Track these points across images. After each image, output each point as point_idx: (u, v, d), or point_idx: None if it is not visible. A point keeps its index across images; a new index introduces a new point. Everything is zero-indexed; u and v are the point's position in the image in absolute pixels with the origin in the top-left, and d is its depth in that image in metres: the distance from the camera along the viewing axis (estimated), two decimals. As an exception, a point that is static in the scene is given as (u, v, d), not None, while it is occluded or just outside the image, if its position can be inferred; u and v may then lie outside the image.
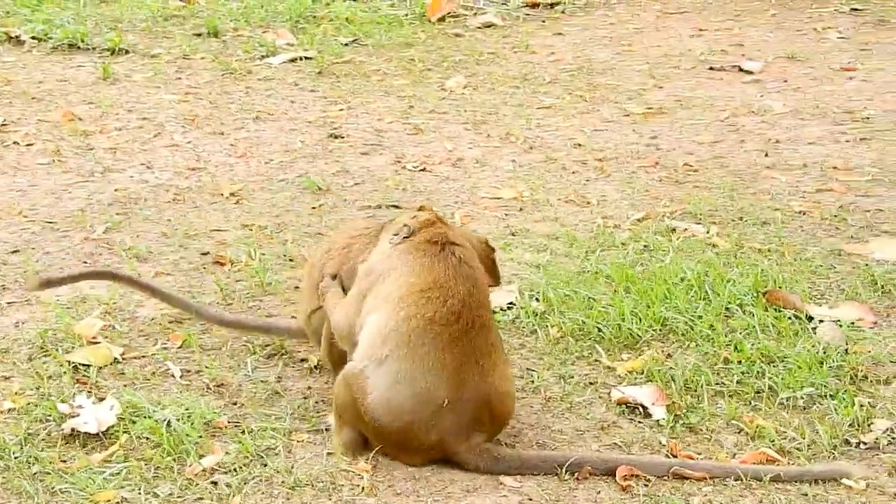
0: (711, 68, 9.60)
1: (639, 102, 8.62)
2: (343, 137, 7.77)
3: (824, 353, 4.61)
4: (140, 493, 3.76)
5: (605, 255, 5.65)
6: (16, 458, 3.95)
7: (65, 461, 3.94)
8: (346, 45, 10.30)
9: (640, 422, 4.26)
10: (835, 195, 6.50)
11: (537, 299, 5.15)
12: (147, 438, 4.07)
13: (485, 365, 3.95)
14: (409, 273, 3.96)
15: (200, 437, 4.05)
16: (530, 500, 3.77)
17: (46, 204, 6.44)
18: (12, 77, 9.06)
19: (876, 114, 8.01)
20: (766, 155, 7.23)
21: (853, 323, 4.91)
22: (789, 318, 4.89)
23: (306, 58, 9.89)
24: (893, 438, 4.12)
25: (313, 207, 6.44)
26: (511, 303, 5.15)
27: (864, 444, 4.09)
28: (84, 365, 4.59)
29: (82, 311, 5.04)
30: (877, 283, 5.26)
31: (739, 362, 4.58)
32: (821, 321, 4.90)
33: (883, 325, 4.93)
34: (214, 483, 3.81)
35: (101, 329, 4.89)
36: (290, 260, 5.68)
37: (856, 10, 11.37)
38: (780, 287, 5.16)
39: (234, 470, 3.90)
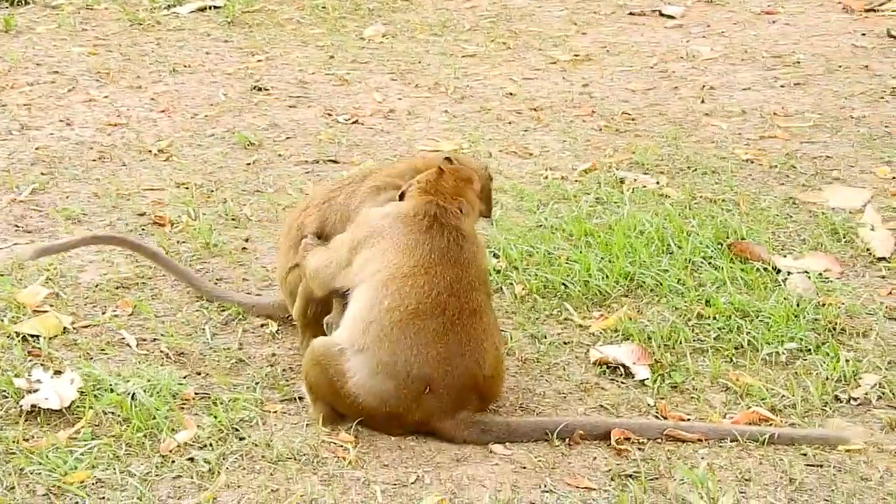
0: (632, 13, 9.48)
1: (564, 49, 8.47)
2: (267, 90, 7.55)
3: (798, 305, 4.52)
4: (115, 473, 3.56)
5: (557, 209, 5.49)
6: (-26, 438, 3.67)
7: (28, 440, 3.70)
8: (255, -8, 10.00)
9: (622, 382, 4.13)
10: (779, 142, 6.41)
11: (496, 255, 4.97)
12: (113, 413, 3.83)
13: (474, 351, 3.78)
14: (395, 249, 3.76)
15: (170, 410, 3.82)
16: (524, 467, 3.63)
17: (-34, 164, 6.13)
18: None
19: (805, 58, 7.95)
20: (703, 101, 7.13)
21: (821, 274, 4.80)
22: (757, 270, 4.77)
23: (215, 7, 9.61)
24: (883, 393, 4.03)
25: (247, 164, 6.22)
26: (470, 260, 4.94)
27: (855, 399, 4.00)
28: (33, 336, 4.31)
29: (22, 278, 4.76)
30: (837, 231, 5.18)
31: (714, 317, 4.46)
32: (789, 273, 4.78)
33: (850, 276, 4.86)
34: (192, 459, 3.62)
35: (45, 297, 4.61)
36: (233, 219, 5.46)
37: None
38: (742, 238, 5.03)
39: (211, 445, 3.71)
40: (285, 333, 4.43)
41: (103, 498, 3.42)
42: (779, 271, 4.80)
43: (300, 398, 3.99)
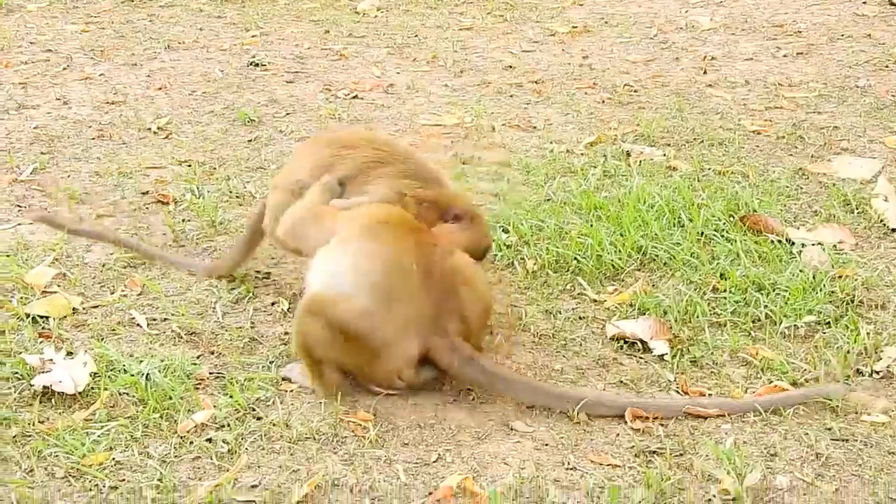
0: (629, -16, 9.41)
1: (561, 21, 8.42)
2: (264, 65, 7.48)
3: (814, 278, 4.46)
4: (133, 454, 3.50)
5: (565, 182, 5.44)
6: (-10, 421, 3.62)
7: (43, 422, 3.63)
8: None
9: (640, 357, 4.07)
10: (786, 113, 6.36)
11: (506, 230, 4.91)
12: (128, 394, 3.77)
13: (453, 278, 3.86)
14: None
15: (186, 390, 3.76)
16: (546, 445, 3.58)
17: (-36, 144, 6.06)
18: None
19: (806, 27, 7.91)
20: (705, 72, 7.09)
21: (835, 246, 4.76)
22: (771, 242, 4.72)
23: (206, -18, 9.51)
24: (906, 366, 3.96)
25: (248, 140, 6.17)
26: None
27: (877, 373, 3.96)
28: (42, 317, 4.25)
29: (28, 259, 4.69)
30: (850, 203, 5.14)
31: (730, 291, 4.40)
32: (803, 245, 4.72)
33: (865, 247, 4.81)
34: (210, 440, 3.56)
35: (53, 278, 4.55)
36: (237, 197, 5.39)
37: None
38: (753, 211, 4.98)
39: (229, 425, 3.64)
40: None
41: (123, 480, 3.37)
42: (793, 243, 4.73)
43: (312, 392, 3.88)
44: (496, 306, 4.26)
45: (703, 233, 4.83)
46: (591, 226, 4.85)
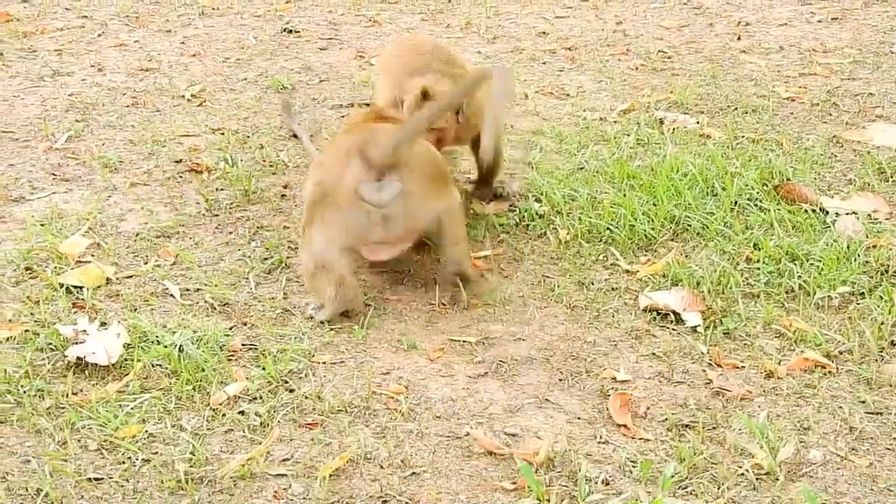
0: (664, -52, 9.33)
1: (595, -15, 8.35)
2: (297, 32, 7.46)
3: (848, 248, 4.43)
4: (166, 427, 3.51)
5: (597, 151, 5.42)
6: (24, 392, 3.64)
7: (76, 394, 3.65)
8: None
9: (673, 329, 4.06)
10: (820, 79, 6.32)
11: (538, 200, 4.90)
12: (161, 366, 3.78)
13: None
14: None
15: (219, 362, 3.77)
16: (578, 418, 3.59)
17: (0, 112, 6.06)
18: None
19: (842, -9, 7.82)
20: (739, 38, 7.04)
21: (869, 215, 4.73)
22: (805, 211, 4.69)
23: (242, -53, 9.48)
24: (942, 338, 3.94)
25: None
26: (512, 205, 4.90)
27: (913, 344, 3.90)
28: (76, 287, 4.27)
29: (62, 229, 4.71)
30: (884, 171, 5.11)
31: (763, 261, 4.38)
32: (837, 214, 4.69)
33: (900, 217, 4.76)
34: (242, 413, 3.56)
35: (87, 248, 4.57)
36: (270, 165, 5.39)
37: None
38: (787, 179, 4.95)
39: (261, 398, 3.65)
40: (329, 282, 4.36)
41: (156, 452, 3.38)
42: (826, 213, 4.71)
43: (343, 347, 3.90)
44: (529, 276, 4.25)
45: (736, 202, 4.81)
46: (624, 195, 4.84)
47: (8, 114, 6.07)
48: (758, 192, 4.85)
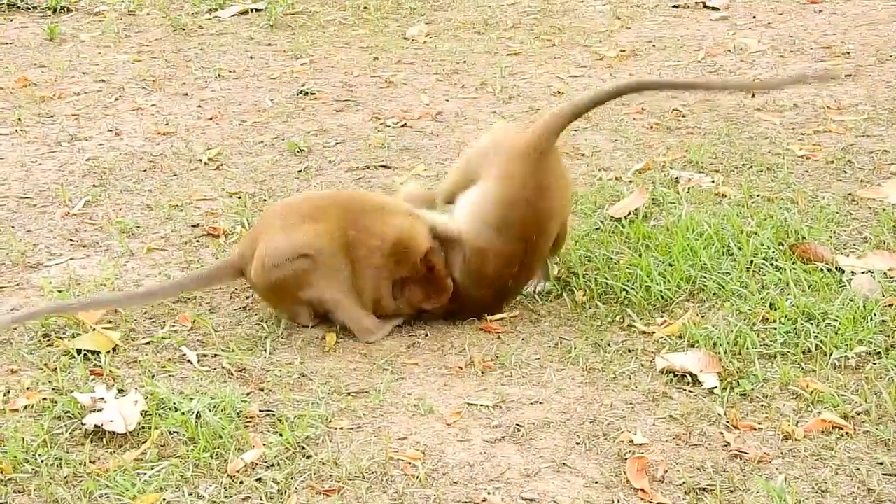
0: (676, 6, 9.42)
1: (609, 45, 8.41)
2: (314, 94, 7.52)
3: (864, 307, 4.43)
4: (183, 495, 3.52)
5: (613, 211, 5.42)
6: (42, 461, 3.65)
7: (94, 462, 3.67)
8: (296, -6, 9.98)
9: (690, 391, 4.07)
10: (834, 136, 6.33)
11: (556, 263, 4.91)
12: (178, 433, 3.79)
13: None
14: None
15: (236, 429, 3.78)
16: (595, 482, 3.59)
17: (17, 178, 6.14)
18: (-46, 42, 8.70)
19: (855, 48, 7.87)
20: (753, 96, 7.04)
21: (885, 273, 4.72)
22: (821, 270, 4.69)
23: (256, 10, 9.64)
24: (958, 397, 3.93)
25: (298, 171, 6.20)
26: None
27: (929, 404, 3.89)
28: (93, 352, 4.30)
29: (80, 295, 4.74)
30: (900, 229, 5.09)
31: (780, 321, 4.39)
32: (853, 273, 4.69)
33: (915, 275, 4.75)
34: (260, 480, 3.57)
35: (105, 314, 4.59)
36: (287, 228, 5.39)
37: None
38: (802, 238, 4.96)
39: (278, 465, 3.66)
40: (345, 346, 4.38)
41: (173, 521, 3.38)
42: (842, 271, 4.71)
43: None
44: (545, 339, 4.27)
45: (752, 262, 4.82)
46: (640, 255, 4.85)
47: (26, 179, 6.12)
48: (773, 252, 4.86)
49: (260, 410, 3.98)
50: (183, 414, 3.88)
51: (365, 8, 9.75)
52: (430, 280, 4.49)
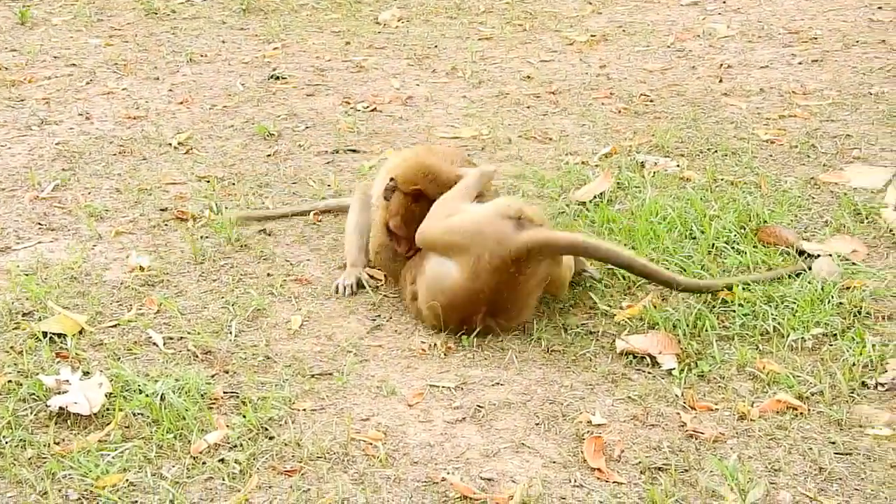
0: (647, -8, 9.43)
1: (580, 30, 8.45)
2: (285, 78, 7.54)
3: (822, 290, 4.48)
4: (146, 476, 3.56)
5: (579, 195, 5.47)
6: (7, 442, 3.69)
7: (58, 443, 3.70)
8: (271, -21, 9.99)
9: (649, 372, 4.11)
10: (799, 121, 6.39)
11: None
12: (142, 415, 3.83)
13: None
14: None
15: (200, 410, 3.83)
16: (553, 462, 3.63)
17: (-13, 162, 6.14)
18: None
19: (822, 33, 7.93)
20: (720, 81, 7.11)
21: (845, 257, 4.76)
22: (781, 254, 4.75)
23: (230, -7, 9.59)
24: (911, 378, 3.99)
25: (268, 155, 6.23)
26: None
27: (882, 385, 3.98)
28: (59, 335, 4.32)
29: (47, 278, 4.77)
30: (860, 213, 5.17)
31: (739, 304, 4.43)
32: (814, 256, 4.75)
33: (875, 258, 4.83)
34: (223, 461, 3.61)
35: (71, 296, 4.62)
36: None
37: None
38: (764, 222, 5.00)
39: (241, 445, 3.70)
40: (310, 328, 4.42)
41: (135, 501, 3.44)
42: (802, 254, 4.76)
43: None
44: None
45: (714, 245, 4.86)
46: (604, 239, 4.88)
47: (-4, 163, 6.13)
48: (735, 235, 4.91)
49: (224, 392, 4.01)
50: (147, 396, 3.91)
51: (338, -8, 9.76)
52: None
